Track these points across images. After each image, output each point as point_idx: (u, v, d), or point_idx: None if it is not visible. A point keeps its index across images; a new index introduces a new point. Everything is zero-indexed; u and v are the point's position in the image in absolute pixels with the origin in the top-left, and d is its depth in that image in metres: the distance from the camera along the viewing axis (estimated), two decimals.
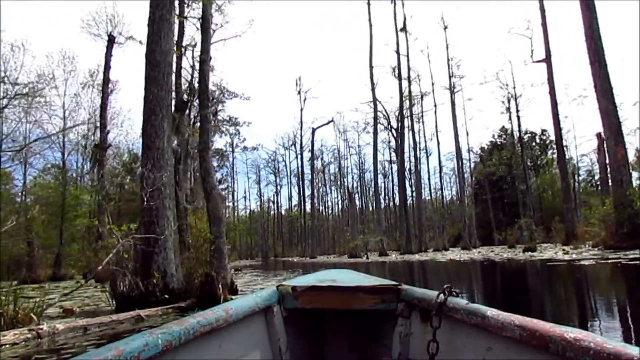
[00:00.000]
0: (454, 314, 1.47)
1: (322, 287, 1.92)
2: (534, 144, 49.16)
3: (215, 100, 43.88)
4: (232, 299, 5.97)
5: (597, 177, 52.00)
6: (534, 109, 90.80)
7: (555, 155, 51.26)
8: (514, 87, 41.69)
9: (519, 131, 42.16)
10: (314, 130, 42.48)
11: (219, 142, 67.95)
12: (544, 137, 50.58)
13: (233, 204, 64.94)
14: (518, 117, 41.61)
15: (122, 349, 1.03)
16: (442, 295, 1.53)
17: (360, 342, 2.10)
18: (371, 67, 32.03)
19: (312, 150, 42.78)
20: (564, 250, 17.62)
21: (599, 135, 23.16)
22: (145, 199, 7.02)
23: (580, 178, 47.88)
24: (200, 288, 6.59)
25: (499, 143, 49.65)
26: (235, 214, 67.97)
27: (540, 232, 35.37)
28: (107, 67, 20.16)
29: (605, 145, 16.61)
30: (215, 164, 49.52)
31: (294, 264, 26.60)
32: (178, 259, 7.66)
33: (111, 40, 20.65)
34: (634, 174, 17.44)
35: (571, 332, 1.04)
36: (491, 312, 1.32)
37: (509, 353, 1.25)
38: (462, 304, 1.46)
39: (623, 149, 16.38)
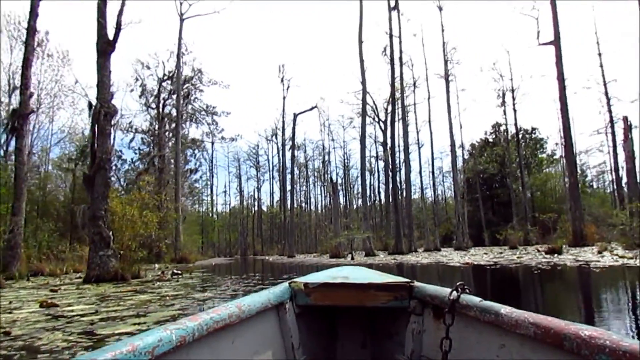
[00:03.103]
0: (467, 311, 1.41)
1: (334, 283, 1.85)
2: (524, 143, 45.57)
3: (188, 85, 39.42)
4: None
5: (588, 176, 49.00)
6: (523, 106, 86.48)
7: (547, 154, 48.18)
8: (511, 79, 37.90)
9: (515, 125, 38.33)
10: (295, 115, 37.94)
11: (195, 132, 63.49)
12: (535, 136, 47.12)
13: (211, 198, 60.12)
14: (514, 110, 37.79)
15: (136, 345, 0.99)
16: (455, 292, 1.46)
17: (373, 339, 2.03)
18: (360, 42, 27.72)
19: (293, 137, 38.28)
20: (600, 253, 13.49)
21: (625, 119, 19.24)
22: None
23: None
24: None
25: (490, 140, 45.97)
26: (214, 209, 63.19)
27: (536, 232, 31.94)
28: (33, 14, 15.55)
29: None
30: (188, 153, 44.85)
31: (248, 266, 22.04)
32: None
33: None
34: None
35: (586, 330, 0.98)
36: (505, 309, 1.27)
37: (522, 350, 1.20)
38: (476, 301, 1.40)
39: None
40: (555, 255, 14.03)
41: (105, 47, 11.30)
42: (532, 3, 33.06)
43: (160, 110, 36.44)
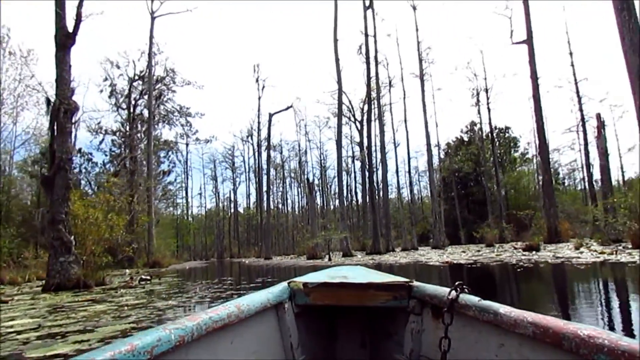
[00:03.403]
0: (466, 310, 1.40)
1: (333, 283, 1.84)
2: (498, 141, 46.00)
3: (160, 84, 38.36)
4: None
5: (560, 174, 49.76)
6: (497, 105, 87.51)
7: (520, 153, 48.79)
8: (485, 78, 38.11)
9: (490, 124, 38.55)
10: (271, 115, 37.16)
11: (169, 133, 62.08)
12: (508, 135, 47.66)
13: (186, 200, 58.87)
14: (489, 109, 38.02)
15: (135, 344, 0.99)
16: (454, 292, 1.45)
17: (372, 339, 2.03)
18: (335, 40, 27.31)
19: (268, 137, 37.42)
20: (578, 250, 13.40)
21: (598, 116, 19.35)
22: None
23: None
24: None
25: (465, 139, 46.26)
26: (189, 212, 61.92)
27: (510, 230, 32.15)
28: None
29: (638, 112, 12.44)
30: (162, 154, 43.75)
31: (223, 270, 21.47)
32: None
33: None
34: None
35: (585, 330, 0.98)
36: (504, 309, 1.26)
37: (521, 350, 1.19)
38: (474, 301, 1.38)
39: None
40: (533, 252, 13.89)
41: (64, 40, 10.58)
42: (505, 3, 33.30)
43: (131, 110, 35.35)
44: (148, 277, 12.07)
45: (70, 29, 10.73)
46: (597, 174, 40.97)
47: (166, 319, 4.35)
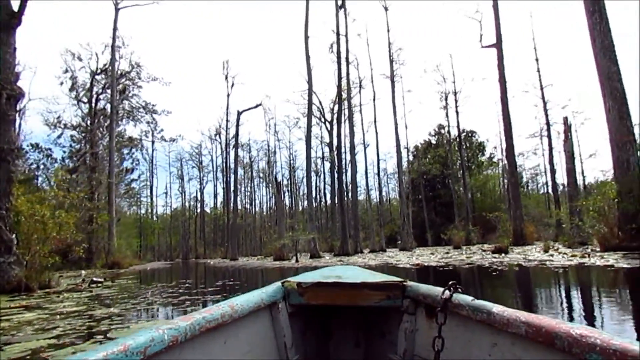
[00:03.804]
0: (460, 310, 1.40)
1: (327, 283, 1.82)
2: (465, 145, 46.48)
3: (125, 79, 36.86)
4: None
5: (524, 178, 50.72)
6: (465, 109, 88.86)
7: (487, 157, 49.46)
8: (454, 82, 38.35)
9: (458, 127, 38.82)
10: (239, 113, 36.14)
11: (134, 130, 60.11)
12: (475, 139, 48.25)
13: (151, 199, 57.01)
14: (457, 112, 38.27)
15: (128, 344, 0.98)
16: (447, 291, 1.45)
17: (366, 338, 2.01)
18: (306, 37, 26.68)
19: (236, 135, 36.35)
20: (547, 252, 13.25)
21: (565, 119, 19.46)
22: None
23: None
24: None
25: (433, 142, 46.55)
26: (154, 211, 60.02)
27: (477, 232, 32.38)
28: None
29: (608, 114, 12.37)
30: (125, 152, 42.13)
31: (184, 271, 20.61)
32: None
33: None
34: None
35: (577, 329, 0.99)
36: (497, 308, 1.26)
37: (514, 349, 1.19)
38: (468, 300, 1.38)
39: (629, 121, 12.27)
40: (503, 254, 13.67)
41: (8, 20, 9.59)
42: (475, 6, 33.59)
43: (93, 105, 33.77)
44: (100, 280, 11.16)
45: (16, 8, 9.77)
46: (560, 178, 42.04)
47: (97, 332, 3.65)
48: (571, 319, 3.57)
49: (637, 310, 3.86)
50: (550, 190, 38.27)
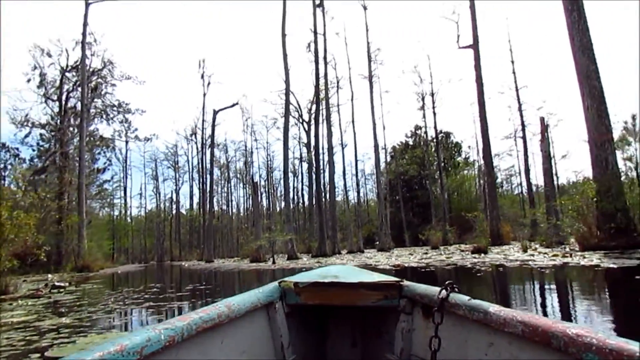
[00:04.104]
0: (456, 310, 1.39)
1: (324, 283, 1.81)
2: (442, 146, 46.70)
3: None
4: None
5: (499, 179, 51.25)
6: (442, 110, 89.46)
7: (463, 157, 49.80)
8: (431, 83, 38.39)
9: (435, 128, 38.88)
10: (215, 112, 35.30)
11: (107, 129, 58.45)
12: (451, 140, 48.53)
13: (125, 201, 55.49)
14: (434, 113, 38.32)
15: (124, 344, 0.97)
16: (444, 291, 1.44)
17: (363, 338, 2.01)
18: (284, 35, 26.18)
19: (212, 135, 35.51)
20: (525, 252, 13.09)
21: (542, 119, 19.49)
22: None
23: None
24: None
25: (411, 143, 46.61)
26: (128, 212, 58.46)
27: (453, 232, 32.44)
28: None
29: (587, 112, 12.28)
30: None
31: (156, 274, 19.92)
32: None
33: None
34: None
35: (573, 328, 0.98)
36: (493, 308, 1.25)
37: (511, 349, 1.18)
38: (464, 300, 1.37)
39: (608, 120, 12.20)
40: (482, 254, 13.47)
41: None
42: (452, 7, 33.71)
43: (63, 103, 32.56)
44: (63, 284, 10.47)
45: None
46: (535, 179, 42.55)
47: (34, 349, 3.13)
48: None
49: None
50: (524, 191, 38.73)
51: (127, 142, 51.18)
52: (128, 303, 6.08)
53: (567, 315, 3.65)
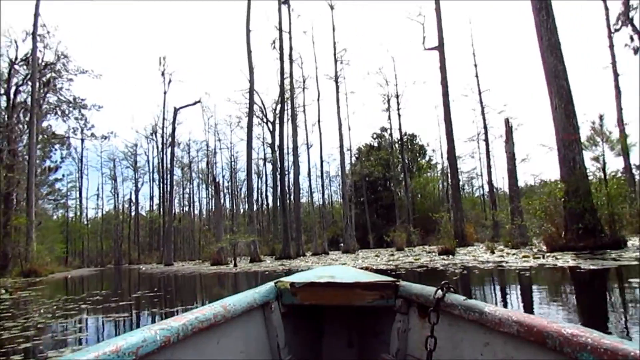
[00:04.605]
0: (452, 309, 1.38)
1: (320, 283, 1.79)
2: (407, 148, 46.84)
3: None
4: None
5: (461, 181, 51.92)
6: (407, 112, 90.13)
7: (427, 160, 50.13)
8: (396, 85, 38.33)
9: (400, 130, 38.82)
10: (176, 110, 33.91)
11: (63, 126, 55.73)
12: (416, 142, 48.75)
13: (80, 202, 52.87)
14: (399, 115, 38.26)
15: (120, 345, 0.95)
16: (440, 291, 1.41)
17: (359, 338, 2.00)
18: (248, 31, 25.30)
19: (173, 133, 34.04)
20: (492, 252, 12.80)
21: (507, 121, 19.46)
22: None
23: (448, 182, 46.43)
24: None
25: (376, 144, 46.52)
26: (84, 214, 55.79)
27: (417, 234, 32.38)
28: None
29: (554, 112, 12.09)
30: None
31: (111, 279, 18.72)
32: None
33: None
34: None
35: (568, 328, 0.98)
36: (489, 308, 1.24)
37: (506, 349, 1.18)
38: (460, 300, 1.36)
39: (575, 120, 12.05)
40: (450, 256, 13.10)
41: None
42: (419, 9, 33.72)
43: (12, 97, 30.50)
44: None
45: None
46: (497, 182, 43.18)
47: None
48: None
49: None
50: (486, 193, 39.22)
51: (83, 140, 48.89)
52: (58, 315, 5.19)
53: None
